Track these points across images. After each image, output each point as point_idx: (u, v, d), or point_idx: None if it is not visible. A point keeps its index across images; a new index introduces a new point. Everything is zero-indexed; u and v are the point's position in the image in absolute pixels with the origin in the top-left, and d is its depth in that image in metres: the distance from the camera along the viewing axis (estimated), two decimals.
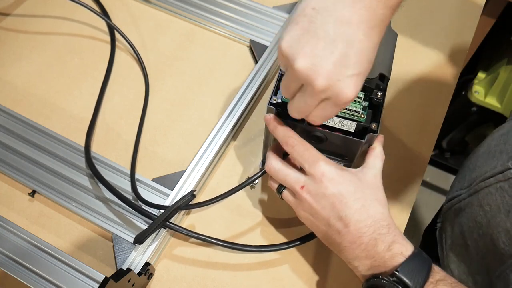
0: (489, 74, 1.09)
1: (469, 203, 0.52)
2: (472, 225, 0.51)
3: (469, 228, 0.51)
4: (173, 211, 0.50)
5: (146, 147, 0.60)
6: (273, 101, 0.47)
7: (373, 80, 0.45)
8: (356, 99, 0.45)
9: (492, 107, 1.08)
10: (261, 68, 0.64)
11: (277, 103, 0.47)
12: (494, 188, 0.47)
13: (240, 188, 0.50)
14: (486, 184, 0.49)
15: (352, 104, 0.45)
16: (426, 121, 0.63)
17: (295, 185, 0.44)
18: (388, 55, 0.47)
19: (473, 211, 0.51)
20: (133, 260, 0.49)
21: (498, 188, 0.47)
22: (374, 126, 0.45)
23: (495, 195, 0.47)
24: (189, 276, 0.51)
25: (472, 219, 0.51)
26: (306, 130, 0.47)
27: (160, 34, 0.70)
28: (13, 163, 0.56)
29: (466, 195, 0.53)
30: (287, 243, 0.51)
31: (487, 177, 0.49)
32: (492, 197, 0.47)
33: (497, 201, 0.46)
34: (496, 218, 0.46)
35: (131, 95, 0.64)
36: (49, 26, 0.71)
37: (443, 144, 1.36)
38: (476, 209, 0.50)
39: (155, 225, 0.49)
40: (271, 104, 0.46)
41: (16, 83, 0.64)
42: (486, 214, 0.48)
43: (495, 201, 0.47)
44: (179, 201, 0.51)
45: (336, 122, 0.47)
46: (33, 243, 0.47)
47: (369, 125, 0.45)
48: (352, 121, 0.46)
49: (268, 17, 0.70)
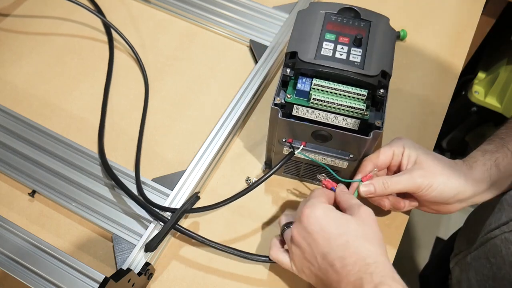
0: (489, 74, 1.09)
1: (476, 256, 0.52)
2: (479, 279, 0.50)
3: (477, 281, 0.51)
4: (180, 215, 0.50)
5: (146, 147, 0.60)
6: (277, 101, 0.47)
7: (376, 77, 0.45)
8: (360, 97, 0.45)
9: (492, 107, 1.08)
10: (261, 68, 0.64)
11: (280, 103, 0.47)
12: (499, 240, 0.47)
13: (246, 192, 0.50)
14: (492, 236, 0.48)
15: (355, 102, 0.45)
16: (426, 121, 0.63)
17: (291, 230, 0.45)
18: (388, 52, 0.48)
19: (480, 264, 0.50)
20: (133, 260, 0.49)
21: (503, 240, 0.46)
22: (378, 122, 0.45)
23: (500, 247, 0.46)
24: (189, 276, 0.51)
25: (480, 272, 0.50)
26: (311, 129, 0.47)
27: (160, 34, 0.70)
28: (13, 163, 0.56)
29: (473, 249, 0.52)
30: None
31: (492, 228, 0.48)
32: (497, 248, 0.47)
33: (502, 252, 0.46)
34: (501, 270, 0.46)
35: (131, 95, 0.64)
36: (49, 26, 0.71)
37: (443, 144, 1.36)
38: (483, 262, 0.49)
39: (164, 231, 0.49)
40: (275, 105, 0.46)
41: (16, 83, 0.64)
42: (492, 267, 0.47)
43: (500, 253, 0.46)
44: (185, 204, 0.51)
45: (340, 121, 0.47)
46: (33, 243, 0.47)
47: (374, 122, 0.45)
48: (356, 119, 0.46)
49: (268, 17, 0.70)
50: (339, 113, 0.46)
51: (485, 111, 1.13)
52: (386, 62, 0.46)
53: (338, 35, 0.48)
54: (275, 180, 0.58)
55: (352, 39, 0.47)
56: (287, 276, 0.52)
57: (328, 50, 0.47)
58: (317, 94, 0.45)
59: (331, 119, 0.47)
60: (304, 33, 0.48)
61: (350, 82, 0.46)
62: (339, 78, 0.46)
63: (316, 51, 0.47)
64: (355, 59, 0.46)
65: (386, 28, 0.49)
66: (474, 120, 1.23)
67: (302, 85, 0.46)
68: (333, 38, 0.48)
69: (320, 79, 0.46)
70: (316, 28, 0.49)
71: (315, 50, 0.47)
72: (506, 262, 0.45)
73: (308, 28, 0.49)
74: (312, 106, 0.46)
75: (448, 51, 0.70)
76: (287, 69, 0.47)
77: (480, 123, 1.24)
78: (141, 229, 0.52)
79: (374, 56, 0.46)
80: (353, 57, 0.46)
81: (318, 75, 0.46)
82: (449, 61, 0.70)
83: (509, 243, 0.45)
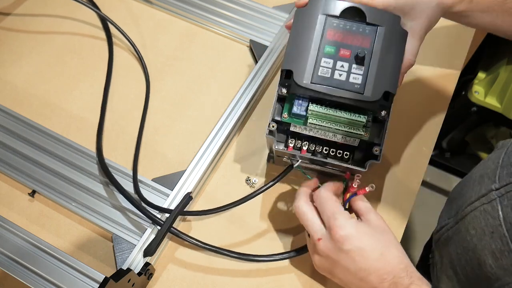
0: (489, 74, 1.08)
1: (456, 230, 0.52)
2: (460, 252, 0.51)
3: (457, 255, 0.51)
4: (175, 217, 0.50)
5: (146, 147, 0.60)
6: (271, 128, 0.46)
7: (377, 102, 0.43)
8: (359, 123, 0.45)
9: (492, 107, 1.08)
10: (261, 68, 0.64)
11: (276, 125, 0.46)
12: (478, 212, 0.47)
13: (246, 200, 0.50)
14: (472, 208, 0.48)
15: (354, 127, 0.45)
16: (426, 121, 0.63)
17: (313, 234, 0.45)
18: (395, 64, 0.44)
19: (460, 237, 0.51)
20: (133, 260, 0.49)
21: (482, 211, 0.46)
22: (376, 150, 0.44)
23: (479, 218, 0.47)
24: (189, 276, 0.51)
25: (460, 245, 0.51)
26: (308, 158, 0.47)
27: (160, 34, 0.70)
28: (13, 163, 0.56)
29: (454, 222, 0.53)
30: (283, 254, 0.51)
31: (472, 201, 0.49)
32: (477, 220, 0.47)
33: (481, 224, 0.46)
34: (482, 241, 0.46)
35: (131, 95, 0.64)
36: (49, 26, 0.71)
37: (443, 144, 1.36)
38: (464, 235, 0.50)
39: (160, 235, 0.49)
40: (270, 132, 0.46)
41: (16, 83, 0.64)
42: (472, 239, 0.48)
43: (480, 224, 0.46)
44: (178, 206, 0.51)
45: (339, 138, 0.46)
46: (33, 243, 0.47)
47: (373, 140, 0.45)
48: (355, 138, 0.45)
49: (268, 17, 0.70)
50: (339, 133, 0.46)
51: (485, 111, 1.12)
52: (391, 79, 0.43)
53: (338, 47, 0.44)
54: None
55: (354, 52, 0.44)
56: (287, 274, 0.52)
57: (327, 70, 0.44)
58: (313, 119, 0.45)
59: (330, 136, 0.46)
60: (301, 44, 0.44)
61: (349, 107, 0.44)
62: (337, 103, 0.44)
63: (313, 71, 0.44)
64: (356, 80, 0.43)
65: (395, 31, 0.44)
66: (474, 120, 1.23)
67: (298, 108, 0.45)
68: (333, 52, 0.44)
69: (317, 104, 0.44)
70: (315, 38, 0.44)
71: (312, 70, 0.44)
72: (486, 232, 0.45)
73: (306, 37, 0.44)
74: (309, 126, 0.46)
75: (448, 51, 0.70)
76: (282, 89, 0.45)
77: (480, 123, 1.24)
78: (141, 229, 0.52)
79: (377, 74, 0.43)
80: (353, 78, 0.43)
81: (314, 100, 0.45)
82: (449, 61, 0.70)
83: (487, 214, 0.45)
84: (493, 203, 0.45)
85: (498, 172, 0.46)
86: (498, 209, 0.44)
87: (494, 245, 0.44)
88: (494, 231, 0.44)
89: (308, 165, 0.51)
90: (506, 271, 0.43)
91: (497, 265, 0.44)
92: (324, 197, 0.46)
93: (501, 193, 0.44)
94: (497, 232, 0.44)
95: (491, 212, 0.45)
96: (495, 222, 0.44)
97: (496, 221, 0.44)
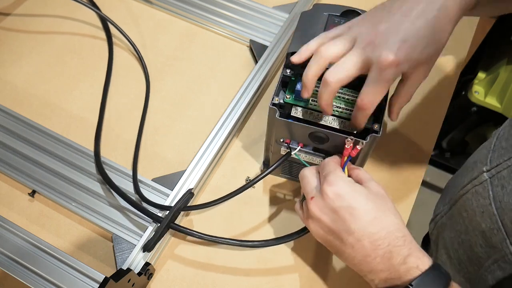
0: (489, 74, 1.08)
1: (450, 215, 0.52)
2: (453, 235, 0.51)
3: (450, 239, 0.51)
4: (175, 213, 0.50)
5: (146, 147, 0.60)
6: (275, 101, 0.47)
7: None
8: None
9: (492, 107, 1.08)
10: (261, 68, 0.64)
11: (278, 103, 0.47)
12: (470, 194, 0.47)
13: (242, 190, 0.50)
14: (464, 191, 0.48)
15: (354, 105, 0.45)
16: (426, 121, 0.63)
17: (308, 194, 0.44)
18: None
19: (453, 221, 0.51)
20: (133, 260, 0.49)
21: (474, 193, 0.46)
22: (376, 126, 0.45)
23: (471, 200, 0.47)
24: (189, 276, 0.51)
25: (453, 229, 0.51)
26: (308, 131, 0.47)
27: (160, 34, 0.70)
28: (13, 163, 0.56)
29: (447, 208, 0.53)
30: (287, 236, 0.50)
31: (464, 184, 0.49)
32: (468, 202, 0.47)
33: (473, 205, 0.46)
34: (473, 222, 0.46)
35: (131, 95, 0.64)
36: (49, 26, 0.71)
37: (443, 144, 1.36)
38: (456, 218, 0.50)
39: (160, 230, 0.49)
40: (273, 105, 0.46)
41: (16, 83, 0.64)
42: (464, 221, 0.48)
43: (471, 205, 0.46)
44: (179, 202, 0.51)
45: (338, 123, 0.47)
46: (33, 243, 0.47)
47: (372, 126, 0.45)
48: None
49: (268, 17, 0.70)
50: (338, 116, 0.46)
51: (485, 111, 1.12)
52: None
53: None
54: (274, 181, 0.58)
55: None
56: (288, 274, 0.52)
57: None
58: (315, 96, 0.45)
59: (329, 121, 0.47)
60: (306, 34, 0.48)
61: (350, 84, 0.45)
62: None
63: None
64: None
65: None
66: (474, 120, 1.23)
67: (301, 86, 0.46)
68: None
69: (320, 80, 0.46)
70: (318, 30, 0.48)
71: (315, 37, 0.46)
72: (477, 213, 0.45)
73: (311, 30, 0.49)
74: (310, 107, 0.46)
75: (448, 51, 0.70)
76: (287, 70, 0.47)
77: (480, 123, 1.24)
78: (141, 229, 0.52)
79: None
80: None
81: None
82: (449, 61, 0.70)
83: (478, 195, 0.45)
84: (484, 184, 0.45)
85: (490, 155, 0.46)
86: (488, 189, 0.44)
87: (484, 224, 0.44)
88: (484, 211, 0.44)
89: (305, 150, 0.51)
90: (495, 248, 0.43)
91: (487, 244, 0.44)
92: (326, 161, 0.45)
93: (492, 174, 0.44)
94: (487, 212, 0.43)
95: (482, 193, 0.45)
96: (485, 202, 0.44)
97: (486, 201, 0.44)
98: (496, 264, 0.44)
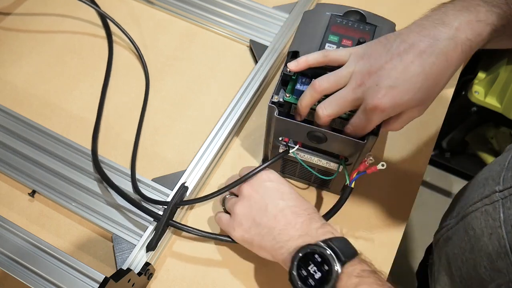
0: (489, 74, 1.09)
1: (456, 230, 0.52)
2: (456, 252, 0.50)
3: (454, 255, 0.51)
4: (173, 208, 0.50)
5: (146, 147, 0.60)
6: (274, 99, 0.47)
7: None
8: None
9: (492, 107, 1.08)
10: (261, 68, 0.64)
11: (278, 102, 0.47)
12: (479, 212, 0.46)
13: (239, 182, 0.49)
14: (473, 208, 0.48)
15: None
16: (426, 121, 0.63)
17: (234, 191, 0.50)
18: None
19: (459, 237, 0.50)
20: (133, 260, 0.49)
21: (483, 212, 0.46)
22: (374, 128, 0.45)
23: (480, 219, 0.46)
24: (189, 276, 0.51)
25: (457, 245, 0.50)
26: (306, 130, 0.47)
27: (160, 34, 0.70)
28: (13, 163, 0.56)
29: (454, 223, 0.52)
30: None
31: (474, 202, 0.48)
32: (477, 221, 0.46)
33: (481, 225, 0.46)
34: (479, 242, 0.45)
35: (132, 94, 0.64)
36: (49, 25, 0.71)
37: (443, 144, 1.36)
38: (462, 235, 0.49)
39: (160, 226, 0.49)
40: (273, 103, 0.46)
41: (16, 83, 0.64)
42: (470, 239, 0.47)
43: (479, 225, 0.46)
44: (175, 197, 0.51)
45: (337, 123, 0.47)
46: (33, 243, 0.47)
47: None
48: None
49: (268, 17, 0.70)
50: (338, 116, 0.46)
51: (485, 111, 1.12)
52: None
53: (341, 38, 0.48)
54: None
55: (355, 42, 0.47)
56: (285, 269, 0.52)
57: None
58: None
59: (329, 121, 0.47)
60: (308, 33, 0.48)
61: None
62: None
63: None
64: None
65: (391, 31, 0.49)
66: (474, 120, 1.23)
67: (301, 86, 0.46)
68: (336, 40, 0.48)
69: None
70: (320, 29, 0.49)
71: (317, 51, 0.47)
72: (484, 234, 0.45)
73: (313, 29, 0.49)
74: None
75: None
76: (288, 68, 0.47)
77: (480, 123, 1.24)
78: (141, 229, 0.52)
79: None
80: None
81: (318, 77, 0.46)
82: None
83: (488, 215, 0.45)
84: (495, 204, 0.44)
85: (503, 174, 0.45)
86: (499, 211, 0.43)
87: (491, 246, 0.44)
88: (493, 233, 0.43)
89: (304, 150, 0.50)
90: (501, 273, 0.43)
91: (492, 267, 0.44)
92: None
93: (505, 195, 0.43)
94: (496, 234, 0.43)
95: (492, 213, 0.44)
96: (495, 224, 0.43)
97: (496, 223, 0.43)
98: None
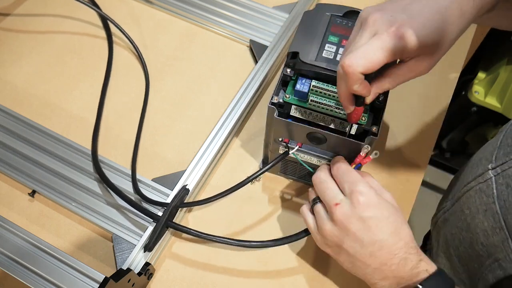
0: (489, 74, 1.09)
1: (453, 211, 0.52)
2: (454, 232, 0.51)
3: (452, 235, 0.51)
4: (172, 210, 0.50)
5: (146, 147, 0.60)
6: (274, 100, 0.47)
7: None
8: None
9: (492, 107, 1.08)
10: (261, 68, 0.64)
11: (278, 103, 0.47)
12: (473, 191, 0.47)
13: (241, 186, 0.50)
14: (468, 188, 0.49)
15: None
16: (426, 121, 0.63)
17: (331, 200, 0.43)
18: None
19: (455, 218, 0.51)
20: (133, 260, 0.49)
21: (477, 190, 0.46)
22: (374, 129, 0.45)
23: (474, 198, 0.47)
24: (189, 276, 0.51)
25: (454, 225, 0.51)
26: (306, 131, 0.47)
27: (160, 34, 0.70)
28: (13, 163, 0.56)
29: (450, 204, 0.53)
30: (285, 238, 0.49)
31: (468, 181, 0.49)
32: (471, 199, 0.47)
33: (476, 203, 0.46)
34: (475, 219, 0.46)
35: (132, 94, 0.64)
36: (49, 26, 0.71)
37: (443, 144, 1.36)
38: (458, 215, 0.50)
39: (158, 228, 0.49)
40: (272, 104, 0.46)
41: (16, 83, 0.64)
42: (466, 218, 0.48)
43: (474, 203, 0.47)
44: (175, 199, 0.51)
45: (336, 124, 0.47)
46: (33, 243, 0.47)
47: (370, 128, 0.45)
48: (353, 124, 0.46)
49: (268, 17, 0.70)
50: (336, 116, 0.46)
51: (485, 111, 1.13)
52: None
53: (341, 38, 0.48)
54: (273, 179, 0.58)
55: None
56: (288, 277, 0.52)
57: (330, 53, 0.47)
58: (315, 96, 0.45)
59: (328, 122, 0.47)
60: (307, 34, 0.48)
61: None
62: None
63: (317, 52, 0.47)
64: None
65: None
66: (474, 120, 1.23)
67: (301, 86, 0.46)
68: (336, 41, 0.48)
69: (320, 81, 0.46)
70: (320, 30, 0.49)
71: (316, 52, 0.47)
72: (479, 211, 0.46)
73: (313, 29, 0.49)
74: (309, 107, 0.46)
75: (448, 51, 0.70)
76: (287, 69, 0.47)
77: (480, 123, 1.24)
78: (141, 229, 0.52)
79: None
80: None
81: (317, 77, 0.46)
82: (449, 61, 0.69)
83: (482, 192, 0.46)
84: (488, 181, 0.45)
85: (496, 153, 0.46)
86: (493, 187, 0.44)
87: (486, 222, 0.44)
88: (487, 209, 0.44)
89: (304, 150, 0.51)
90: (497, 247, 0.44)
91: (488, 242, 0.45)
92: (345, 167, 0.45)
93: (497, 172, 0.44)
94: (490, 210, 0.44)
95: (486, 190, 0.45)
96: (489, 200, 0.44)
97: (489, 199, 0.44)
98: (496, 263, 0.44)
